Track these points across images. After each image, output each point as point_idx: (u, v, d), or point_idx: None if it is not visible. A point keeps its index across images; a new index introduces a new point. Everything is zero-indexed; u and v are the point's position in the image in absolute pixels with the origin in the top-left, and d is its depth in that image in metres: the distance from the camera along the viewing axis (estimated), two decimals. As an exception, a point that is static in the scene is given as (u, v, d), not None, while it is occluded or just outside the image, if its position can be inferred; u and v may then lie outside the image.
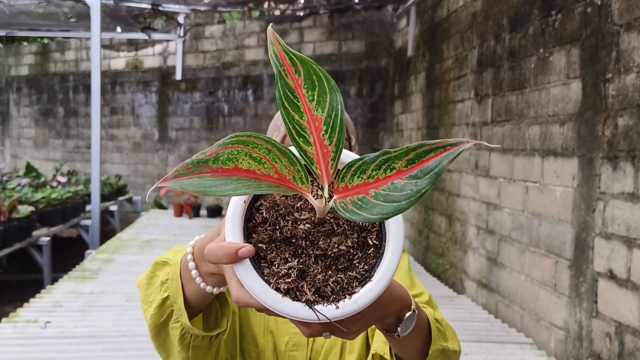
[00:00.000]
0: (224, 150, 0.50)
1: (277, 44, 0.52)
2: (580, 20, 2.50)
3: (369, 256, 0.55)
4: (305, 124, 0.52)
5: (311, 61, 0.53)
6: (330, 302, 0.53)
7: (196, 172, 0.48)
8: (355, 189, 0.51)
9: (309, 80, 0.52)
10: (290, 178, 0.52)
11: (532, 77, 2.94)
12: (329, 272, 0.54)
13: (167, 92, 8.16)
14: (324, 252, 0.54)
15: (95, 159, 5.32)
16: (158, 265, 0.80)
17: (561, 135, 2.63)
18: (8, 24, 7.51)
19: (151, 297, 0.78)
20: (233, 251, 0.53)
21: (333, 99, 0.53)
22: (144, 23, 7.44)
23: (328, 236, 0.55)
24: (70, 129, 9.16)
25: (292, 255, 0.54)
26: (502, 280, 3.27)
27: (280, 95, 0.52)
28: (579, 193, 2.47)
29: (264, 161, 0.51)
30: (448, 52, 4.35)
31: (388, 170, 0.49)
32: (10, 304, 4.64)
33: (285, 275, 0.53)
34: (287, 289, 0.53)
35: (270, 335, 0.96)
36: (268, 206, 0.56)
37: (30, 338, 2.69)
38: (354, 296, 0.53)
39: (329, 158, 0.53)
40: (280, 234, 0.55)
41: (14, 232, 4.50)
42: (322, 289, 0.54)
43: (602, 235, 2.29)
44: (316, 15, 7.00)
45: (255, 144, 0.50)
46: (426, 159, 0.47)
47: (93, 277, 3.89)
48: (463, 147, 0.46)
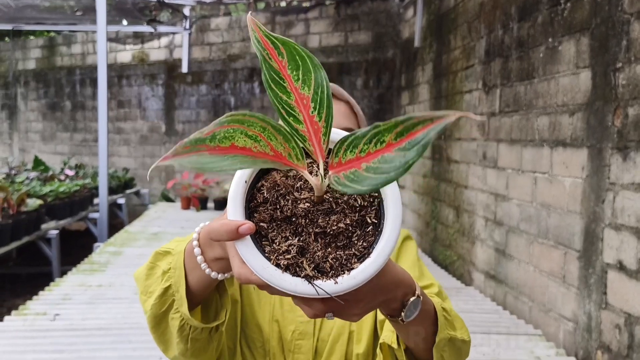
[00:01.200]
0: (221, 129, 0.50)
1: (258, 30, 0.53)
2: (590, 9, 2.47)
3: (368, 234, 0.56)
4: (294, 103, 0.53)
5: (292, 42, 0.54)
6: (329, 277, 0.54)
7: (194, 151, 0.49)
8: (348, 163, 0.52)
9: (292, 61, 0.53)
10: (285, 155, 0.53)
11: (541, 67, 2.91)
12: (328, 249, 0.55)
13: (173, 85, 8.16)
14: (323, 230, 0.56)
15: (102, 152, 5.34)
16: (159, 255, 0.80)
17: (570, 125, 2.61)
18: (14, 18, 7.52)
19: (151, 288, 0.78)
20: (234, 228, 0.54)
21: (318, 76, 0.54)
22: (150, 16, 7.43)
23: (327, 214, 0.56)
24: (78, 123, 9.19)
25: (293, 233, 0.56)
26: (510, 271, 3.26)
27: (266, 79, 0.53)
28: (588, 184, 2.45)
29: (260, 139, 0.51)
30: (455, 43, 4.32)
31: (378, 143, 0.50)
32: (20, 296, 4.68)
33: (285, 252, 0.55)
34: (287, 265, 0.54)
35: (276, 324, 0.95)
36: (269, 186, 0.58)
37: (39, 330, 2.71)
38: (352, 272, 0.54)
39: (320, 134, 0.54)
40: (280, 213, 0.56)
41: (23, 225, 4.53)
42: (322, 265, 0.55)
43: (611, 226, 2.27)
44: (322, 6, 6.96)
45: (251, 122, 0.51)
46: (414, 131, 0.48)
47: (101, 270, 3.91)
48: (449, 119, 0.46)
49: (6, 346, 2.50)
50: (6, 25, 8.08)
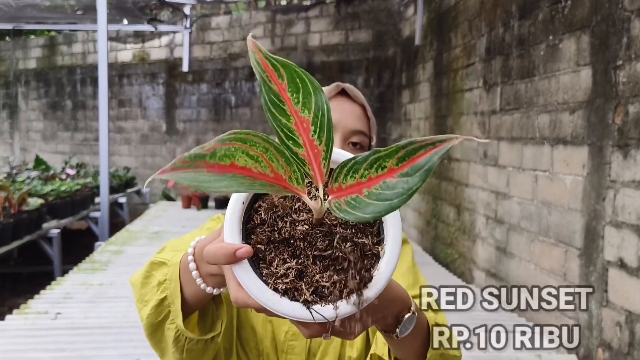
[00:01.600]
0: (222, 147, 0.49)
1: (258, 52, 0.52)
2: (591, 6, 2.47)
3: (367, 257, 0.55)
4: (293, 126, 0.52)
5: (293, 64, 0.53)
6: (328, 302, 0.53)
7: (192, 167, 0.48)
8: (349, 188, 0.51)
9: (292, 83, 0.53)
10: (286, 178, 0.52)
11: (542, 65, 2.91)
12: (327, 272, 0.54)
13: (174, 84, 8.16)
14: (322, 253, 0.54)
15: (103, 152, 5.34)
16: (155, 265, 0.80)
17: (571, 123, 2.60)
18: (15, 17, 7.52)
19: (147, 297, 0.78)
20: (231, 252, 0.54)
21: (318, 99, 0.53)
22: (151, 15, 7.44)
23: (326, 237, 0.55)
24: (79, 122, 9.19)
25: (291, 256, 0.55)
26: (511, 269, 3.26)
27: (265, 101, 0.53)
28: (589, 181, 2.45)
29: (261, 159, 0.51)
30: (456, 41, 4.31)
31: (379, 169, 0.49)
32: (21, 295, 4.69)
33: (283, 275, 0.54)
34: (285, 289, 0.54)
35: (270, 324, 0.96)
36: (266, 207, 0.57)
37: (41, 329, 2.71)
38: (352, 296, 0.53)
39: (320, 158, 0.53)
40: (278, 235, 0.55)
41: (24, 224, 4.53)
42: (320, 289, 0.54)
43: (612, 223, 2.27)
44: (323, 4, 6.96)
45: (253, 142, 0.50)
46: (416, 156, 0.47)
47: (102, 269, 3.92)
48: (452, 143, 0.46)
49: (7, 345, 2.51)
50: (7, 24, 8.09)
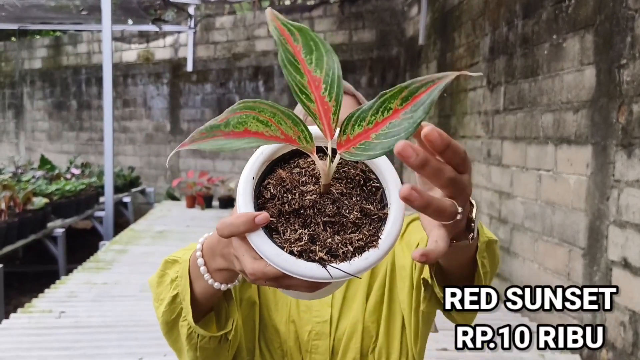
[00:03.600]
0: (234, 116, 0.54)
1: (276, 20, 0.56)
2: (594, 5, 2.46)
3: (374, 220, 0.58)
4: (306, 83, 0.56)
5: (307, 28, 0.57)
6: (342, 259, 0.56)
7: (210, 137, 0.53)
8: (357, 137, 0.54)
9: (306, 46, 0.57)
10: (295, 138, 0.55)
11: (545, 64, 2.90)
12: (338, 236, 0.57)
13: (178, 83, 8.18)
14: (331, 219, 0.58)
15: (108, 151, 5.36)
16: (168, 263, 0.82)
17: (575, 122, 2.60)
18: (20, 17, 7.56)
19: (162, 295, 0.80)
20: (251, 218, 0.56)
21: (329, 59, 0.57)
22: (155, 15, 7.45)
23: (334, 204, 0.58)
24: (84, 122, 9.22)
25: (302, 225, 0.57)
26: (515, 269, 3.25)
27: (282, 59, 0.56)
28: (592, 181, 2.44)
29: (271, 124, 0.54)
30: (460, 40, 4.31)
31: (385, 112, 0.52)
32: (26, 294, 4.70)
33: (297, 240, 0.56)
34: (300, 251, 0.56)
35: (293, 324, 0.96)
36: (275, 183, 0.60)
37: (45, 328, 2.72)
38: (364, 254, 0.56)
39: (330, 113, 0.56)
40: (288, 206, 0.58)
41: (29, 223, 4.56)
42: (334, 249, 0.56)
43: (616, 223, 2.26)
44: (326, 4, 6.96)
45: (261, 109, 0.54)
46: (418, 94, 0.50)
47: (107, 268, 3.93)
48: (450, 78, 0.49)
49: (12, 343, 2.52)
50: (12, 24, 8.13)
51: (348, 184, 0.60)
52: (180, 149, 0.52)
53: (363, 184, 0.61)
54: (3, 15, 7.27)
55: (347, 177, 0.61)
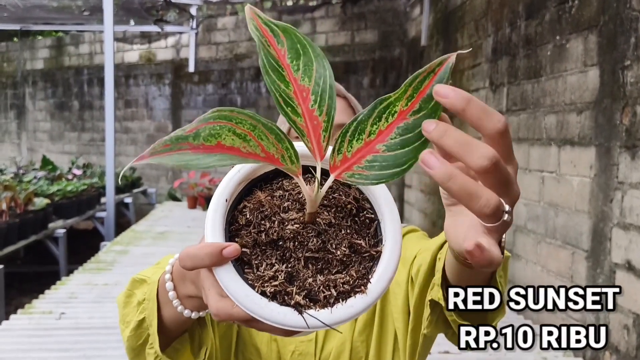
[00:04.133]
0: (205, 126, 0.45)
1: (257, 18, 0.49)
2: (598, 6, 2.44)
3: (365, 258, 0.50)
4: (292, 94, 0.48)
5: (294, 29, 0.49)
6: (323, 306, 0.48)
7: (175, 149, 0.44)
8: (357, 154, 0.46)
9: (292, 49, 0.49)
10: (278, 157, 0.47)
11: (549, 65, 2.89)
12: (321, 276, 0.49)
13: (180, 84, 8.18)
14: (314, 255, 0.49)
15: (109, 152, 5.35)
16: (136, 282, 0.75)
17: (578, 124, 2.58)
18: (23, 18, 7.56)
19: (128, 317, 0.73)
20: (218, 250, 0.47)
21: (320, 66, 0.49)
22: (157, 15, 7.45)
23: (319, 237, 0.50)
24: (85, 122, 9.23)
25: (280, 259, 0.49)
26: (517, 271, 3.24)
27: (263, 64, 0.48)
28: (596, 183, 2.42)
29: (249, 138, 0.46)
30: (462, 41, 4.29)
31: (390, 116, 0.45)
32: (27, 294, 4.70)
33: (271, 278, 0.48)
34: (273, 293, 0.48)
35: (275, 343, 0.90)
36: (252, 207, 0.51)
37: (45, 329, 2.71)
38: (349, 300, 0.48)
39: (320, 130, 0.48)
40: (265, 236, 0.50)
41: (30, 224, 4.55)
42: (314, 292, 0.48)
43: (620, 225, 2.24)
44: (329, 5, 6.95)
45: (239, 120, 0.46)
46: (422, 88, 0.44)
47: (108, 269, 3.92)
48: (450, 61, 0.44)
49: (12, 344, 2.51)
50: (14, 25, 8.14)
51: (337, 213, 0.51)
52: (137, 162, 0.44)
53: (355, 214, 0.52)
54: (5, 15, 7.27)
55: (337, 205, 0.52)
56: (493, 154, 0.41)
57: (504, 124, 0.42)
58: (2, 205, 4.25)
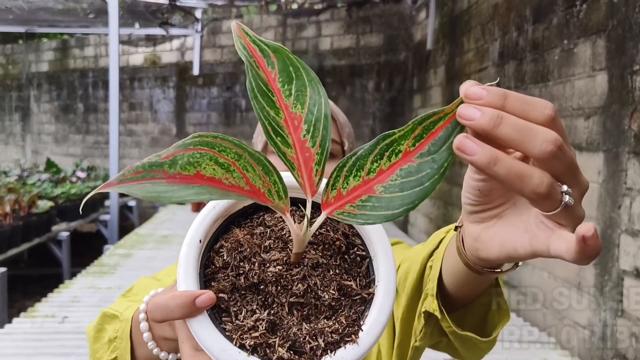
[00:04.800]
0: (184, 152, 0.41)
1: (245, 36, 0.45)
2: (606, 11, 2.42)
3: (355, 302, 0.46)
4: (283, 122, 0.44)
5: (286, 50, 0.45)
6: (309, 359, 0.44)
7: (148, 178, 0.39)
8: (353, 192, 0.42)
9: (284, 72, 0.45)
10: (264, 191, 0.43)
11: (556, 70, 2.86)
12: (307, 324, 0.45)
13: (184, 87, 8.19)
14: (299, 300, 0.45)
15: (113, 155, 5.35)
16: (107, 317, 0.70)
17: (586, 129, 2.56)
18: (28, 20, 7.59)
19: (99, 354, 0.69)
20: (190, 300, 0.43)
21: (314, 92, 0.45)
22: (162, 18, 7.47)
23: (305, 280, 0.46)
24: (90, 125, 9.24)
25: (261, 305, 0.45)
26: (524, 277, 3.21)
27: (252, 87, 0.44)
28: (604, 189, 2.40)
29: (233, 168, 0.41)
30: (468, 45, 4.28)
31: (393, 155, 0.41)
32: (31, 297, 4.69)
33: (251, 328, 0.44)
34: (254, 346, 0.44)
35: None
36: (230, 247, 0.47)
37: (47, 333, 2.71)
38: (338, 352, 0.44)
39: (311, 163, 0.44)
40: (245, 280, 0.46)
41: (33, 227, 4.55)
42: (299, 343, 0.44)
43: (628, 232, 2.22)
44: (334, 8, 6.95)
45: (223, 147, 0.41)
46: (435, 130, 0.40)
47: (111, 272, 3.91)
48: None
49: (14, 348, 2.51)
50: (19, 27, 8.17)
51: (325, 252, 0.47)
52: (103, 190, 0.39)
53: (344, 252, 0.48)
54: (10, 18, 7.30)
55: (325, 242, 0.48)
56: (556, 136, 0.36)
57: (552, 109, 0.38)
58: (6, 207, 4.25)
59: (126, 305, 0.69)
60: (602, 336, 2.38)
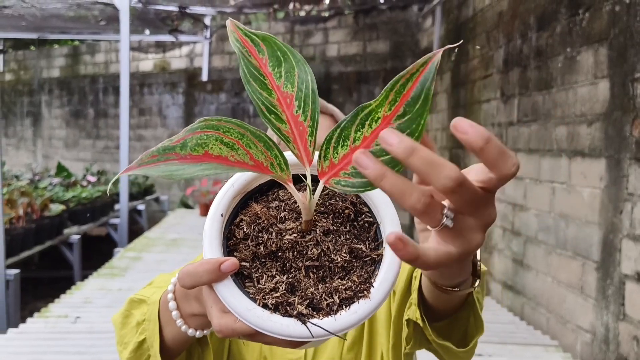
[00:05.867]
0: (192, 136, 0.45)
1: (237, 30, 0.49)
2: (609, 19, 2.47)
3: (366, 263, 0.50)
4: (276, 101, 0.48)
5: (273, 37, 0.49)
6: (326, 314, 0.48)
7: (162, 160, 0.44)
8: (343, 160, 0.45)
9: (273, 57, 0.49)
10: (267, 165, 0.47)
11: (559, 77, 2.91)
12: (323, 284, 0.49)
13: (193, 93, 8.26)
14: (314, 263, 0.49)
15: (123, 159, 5.41)
16: (134, 303, 0.73)
17: (589, 135, 2.60)
18: (40, 27, 7.69)
19: (126, 338, 0.72)
20: (216, 266, 0.47)
21: (301, 71, 0.49)
22: (172, 25, 7.55)
23: (318, 245, 0.49)
24: (100, 130, 9.34)
25: (280, 270, 0.49)
26: (528, 282, 3.24)
27: (244, 74, 0.49)
28: (606, 194, 2.44)
29: (237, 146, 0.46)
30: (474, 52, 4.32)
31: (373, 122, 0.44)
32: (42, 299, 4.76)
33: (272, 290, 0.48)
34: (275, 304, 0.48)
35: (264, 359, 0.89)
36: (249, 220, 0.51)
37: (61, 332, 2.76)
38: (352, 306, 0.48)
39: (305, 135, 0.48)
40: (264, 248, 0.49)
41: (45, 230, 4.62)
42: (316, 301, 0.48)
43: (629, 237, 2.25)
44: (341, 15, 7.01)
45: (227, 128, 0.46)
46: (406, 92, 0.43)
47: (121, 275, 3.97)
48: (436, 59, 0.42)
49: (28, 347, 2.56)
50: (32, 34, 8.27)
51: (335, 219, 0.51)
52: (125, 173, 0.44)
53: (353, 219, 0.51)
54: (23, 25, 7.40)
55: (335, 211, 0.51)
56: (457, 174, 0.39)
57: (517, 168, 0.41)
58: (19, 210, 4.33)
59: (152, 291, 0.72)
60: (605, 339, 2.41)
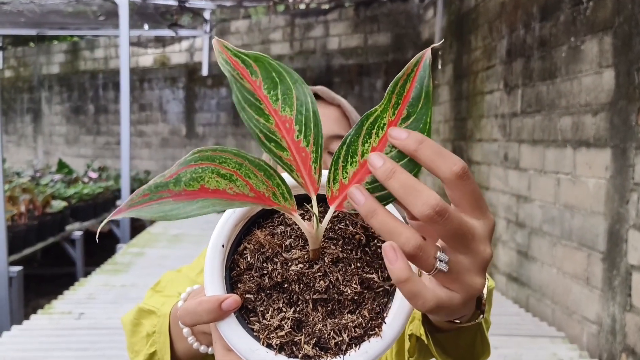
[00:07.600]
0: (186, 170, 0.42)
1: (225, 51, 0.45)
2: (613, 8, 2.44)
3: (378, 294, 0.47)
4: (274, 127, 0.45)
5: (267, 57, 0.46)
6: (335, 354, 0.45)
7: (155, 199, 0.41)
8: (354, 178, 0.43)
9: (268, 79, 0.45)
10: (269, 195, 0.44)
11: (563, 67, 2.88)
12: (332, 319, 0.46)
13: (193, 88, 8.24)
14: (322, 296, 0.46)
15: (124, 155, 5.41)
16: (143, 312, 0.73)
17: (593, 125, 2.58)
18: (39, 23, 7.67)
19: (137, 347, 0.72)
20: (216, 305, 0.45)
21: (300, 93, 0.45)
22: (171, 20, 7.52)
23: (326, 276, 0.46)
24: (101, 126, 9.33)
25: (287, 303, 0.46)
26: (533, 273, 3.23)
27: (238, 100, 0.44)
28: (612, 184, 2.42)
29: (236, 178, 0.43)
30: (476, 43, 4.29)
31: (380, 130, 0.43)
32: (45, 296, 4.76)
33: (277, 327, 0.46)
34: (280, 344, 0.45)
35: None
36: (252, 249, 0.48)
37: (65, 329, 2.76)
38: (362, 345, 0.45)
39: (309, 161, 0.44)
40: (269, 280, 0.47)
41: (48, 226, 4.62)
42: (324, 340, 0.45)
43: (636, 227, 2.24)
44: (342, 8, 6.98)
45: (223, 159, 0.43)
46: (406, 93, 0.42)
47: (124, 271, 3.97)
48: (426, 57, 0.42)
49: (32, 344, 2.56)
50: (31, 30, 8.25)
51: (345, 246, 0.47)
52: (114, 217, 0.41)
53: (365, 244, 0.47)
54: (22, 21, 7.38)
55: (344, 237, 0.48)
56: (437, 202, 0.37)
57: (461, 168, 0.39)
58: (21, 207, 4.32)
59: (162, 301, 0.71)
60: (611, 330, 2.40)
